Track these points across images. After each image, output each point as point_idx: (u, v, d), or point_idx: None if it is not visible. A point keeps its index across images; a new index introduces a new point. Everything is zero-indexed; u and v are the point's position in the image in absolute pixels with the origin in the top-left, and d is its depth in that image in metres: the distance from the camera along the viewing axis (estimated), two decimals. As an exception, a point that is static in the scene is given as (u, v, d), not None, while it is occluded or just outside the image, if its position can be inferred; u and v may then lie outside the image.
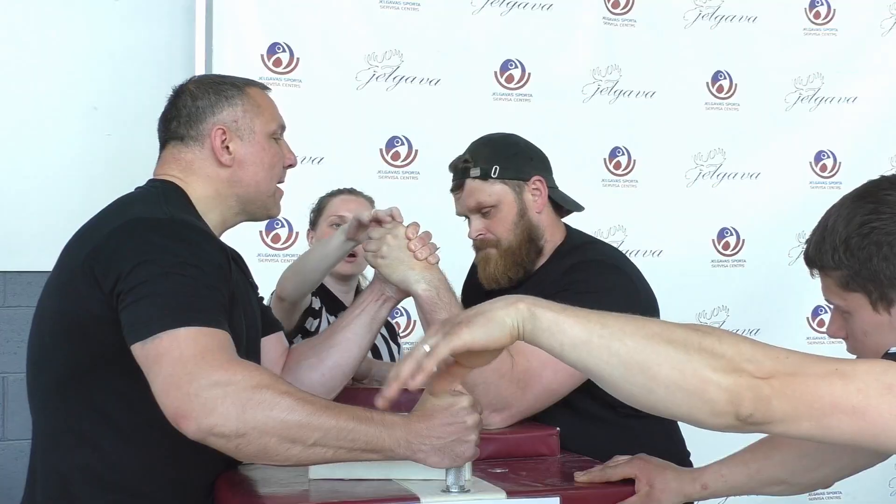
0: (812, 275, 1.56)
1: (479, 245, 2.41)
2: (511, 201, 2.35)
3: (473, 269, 2.55)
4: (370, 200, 3.03)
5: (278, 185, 2.03)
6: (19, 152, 3.49)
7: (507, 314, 1.25)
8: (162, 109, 2.01)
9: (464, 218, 2.43)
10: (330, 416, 1.60)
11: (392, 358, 2.99)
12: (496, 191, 2.35)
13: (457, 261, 2.47)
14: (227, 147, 1.94)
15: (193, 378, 1.55)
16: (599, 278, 2.25)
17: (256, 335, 1.99)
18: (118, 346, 1.66)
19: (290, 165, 2.05)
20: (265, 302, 2.29)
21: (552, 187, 2.41)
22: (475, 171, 2.35)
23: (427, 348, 1.23)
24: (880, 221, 1.45)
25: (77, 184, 3.49)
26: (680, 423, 2.47)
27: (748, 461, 1.82)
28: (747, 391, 1.20)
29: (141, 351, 1.61)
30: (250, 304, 1.98)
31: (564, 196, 2.44)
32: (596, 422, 2.18)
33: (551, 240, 2.39)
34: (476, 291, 2.49)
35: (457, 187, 2.41)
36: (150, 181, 1.98)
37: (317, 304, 2.73)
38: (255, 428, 1.55)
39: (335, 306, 2.82)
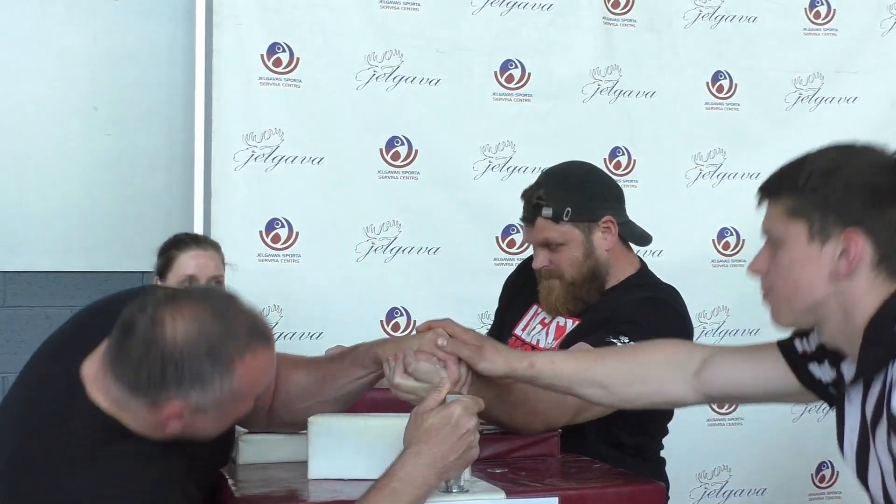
0: (758, 205, 1.65)
1: (545, 275, 2.46)
2: (579, 242, 2.41)
3: (520, 268, 2.68)
4: (216, 248, 2.99)
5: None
6: (19, 152, 3.49)
7: None
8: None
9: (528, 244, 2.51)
10: None
11: None
12: (565, 231, 2.41)
13: (456, 261, 2.46)
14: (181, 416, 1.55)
15: None
16: (657, 318, 2.34)
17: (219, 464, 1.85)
18: None
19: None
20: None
21: (623, 223, 2.46)
22: (547, 212, 2.40)
23: None
24: (851, 167, 1.58)
25: (77, 184, 3.49)
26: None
27: (581, 359, 1.94)
28: None
29: None
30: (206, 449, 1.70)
31: (633, 230, 2.50)
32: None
33: (618, 274, 2.46)
34: (516, 289, 2.63)
35: (528, 220, 2.46)
36: (84, 404, 1.57)
37: None
38: None
39: None
